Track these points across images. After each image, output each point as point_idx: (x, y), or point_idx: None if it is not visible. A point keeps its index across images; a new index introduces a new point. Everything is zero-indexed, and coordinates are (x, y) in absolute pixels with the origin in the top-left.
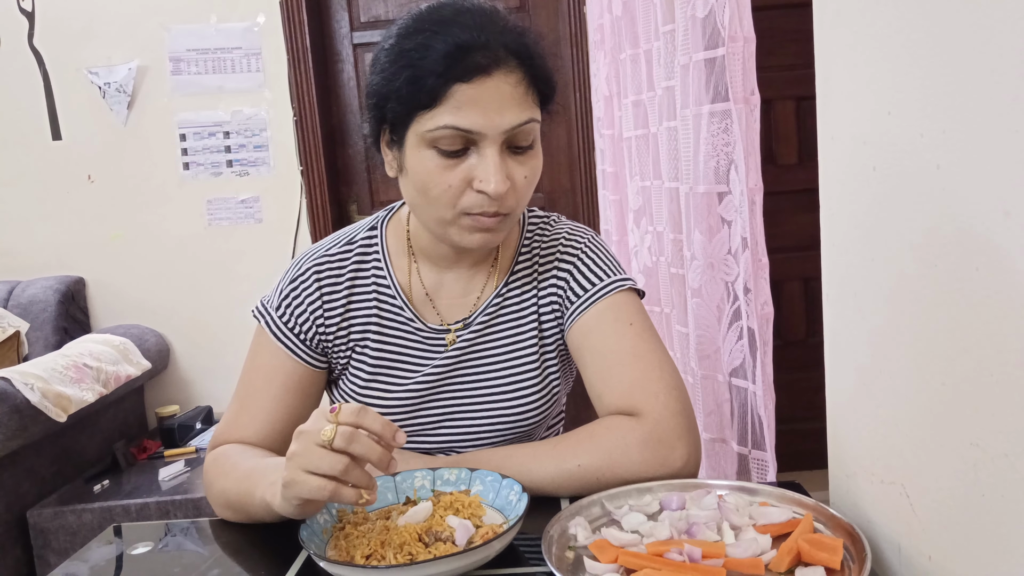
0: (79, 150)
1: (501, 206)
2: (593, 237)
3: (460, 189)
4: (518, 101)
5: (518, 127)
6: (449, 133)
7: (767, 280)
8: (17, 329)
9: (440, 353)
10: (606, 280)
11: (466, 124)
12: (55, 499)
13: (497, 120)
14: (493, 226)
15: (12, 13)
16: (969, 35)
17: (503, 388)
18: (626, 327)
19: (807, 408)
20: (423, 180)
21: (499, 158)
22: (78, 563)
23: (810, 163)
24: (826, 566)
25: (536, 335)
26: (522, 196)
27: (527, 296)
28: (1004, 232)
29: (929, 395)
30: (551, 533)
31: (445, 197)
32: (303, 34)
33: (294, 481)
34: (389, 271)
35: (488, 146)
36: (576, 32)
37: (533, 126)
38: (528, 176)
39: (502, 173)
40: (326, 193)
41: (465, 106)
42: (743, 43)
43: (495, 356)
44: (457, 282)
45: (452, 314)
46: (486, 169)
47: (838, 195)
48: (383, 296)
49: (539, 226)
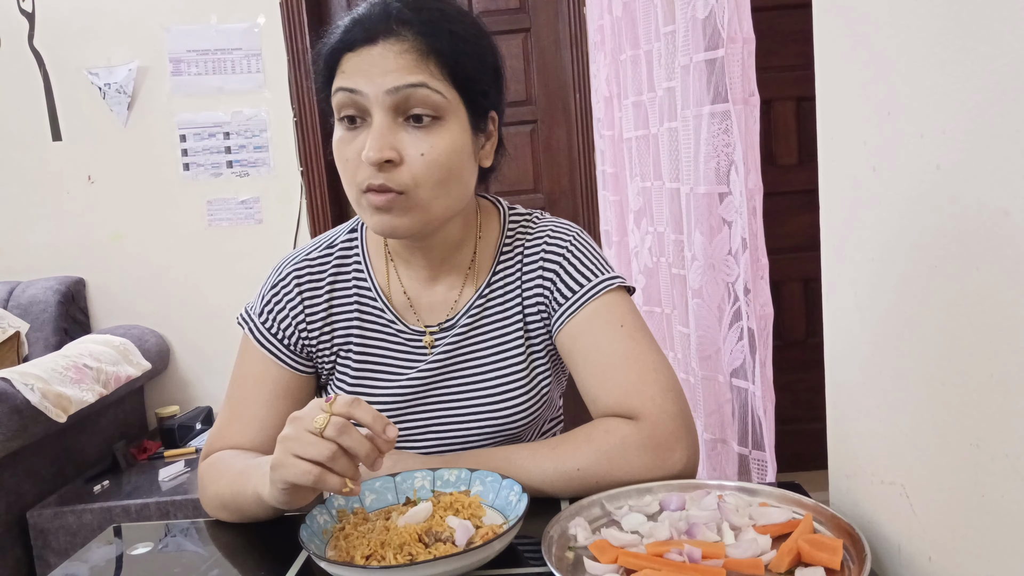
0: (79, 150)
1: (388, 180)
2: (579, 235)
3: (356, 162)
4: (404, 66)
5: (402, 88)
6: (340, 98)
7: (767, 280)
8: (17, 330)
9: (424, 357)
10: (594, 281)
11: (348, 84)
12: (55, 499)
13: (379, 80)
14: (383, 204)
15: (12, 14)
16: (969, 35)
17: (490, 391)
18: (617, 329)
19: (807, 408)
20: (337, 157)
21: (384, 126)
22: (78, 563)
23: (810, 163)
24: (826, 566)
25: (522, 336)
26: (421, 176)
27: (511, 296)
28: (1004, 232)
29: (929, 395)
30: (551, 534)
31: (347, 172)
32: (303, 35)
33: (282, 463)
34: (369, 273)
35: (375, 112)
36: (576, 33)
37: (427, 94)
38: (427, 154)
39: (382, 140)
40: (326, 193)
41: (350, 71)
42: (743, 44)
43: (481, 358)
44: (435, 283)
45: (432, 317)
46: (369, 136)
47: (838, 195)
48: (364, 299)
49: (521, 224)
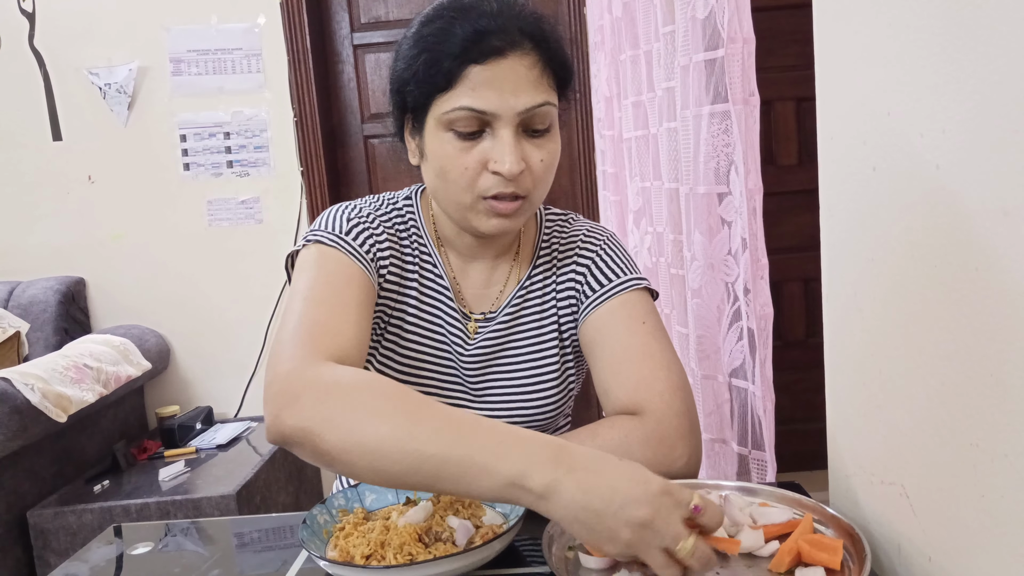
0: (79, 150)
1: (518, 188)
2: (612, 236)
3: (476, 171)
4: (533, 83)
5: (532, 109)
6: (465, 114)
7: (767, 281)
8: (17, 329)
9: (469, 342)
10: (623, 277)
11: (481, 105)
12: (55, 499)
13: (512, 101)
14: (510, 211)
15: (12, 14)
16: (969, 35)
17: (524, 383)
18: (639, 324)
19: (807, 408)
20: (442, 164)
21: (514, 139)
22: (78, 563)
23: (810, 163)
24: (826, 566)
25: (556, 329)
26: (539, 180)
27: (547, 292)
28: (1004, 232)
29: (929, 395)
30: (551, 533)
31: (463, 180)
32: (303, 35)
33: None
34: (428, 241)
35: (503, 127)
36: (576, 33)
37: (548, 109)
38: (545, 160)
39: (516, 154)
40: (326, 194)
41: (480, 87)
42: (743, 44)
43: (520, 349)
44: (480, 273)
45: (476, 304)
46: (501, 150)
47: (838, 195)
48: (425, 267)
49: (557, 223)
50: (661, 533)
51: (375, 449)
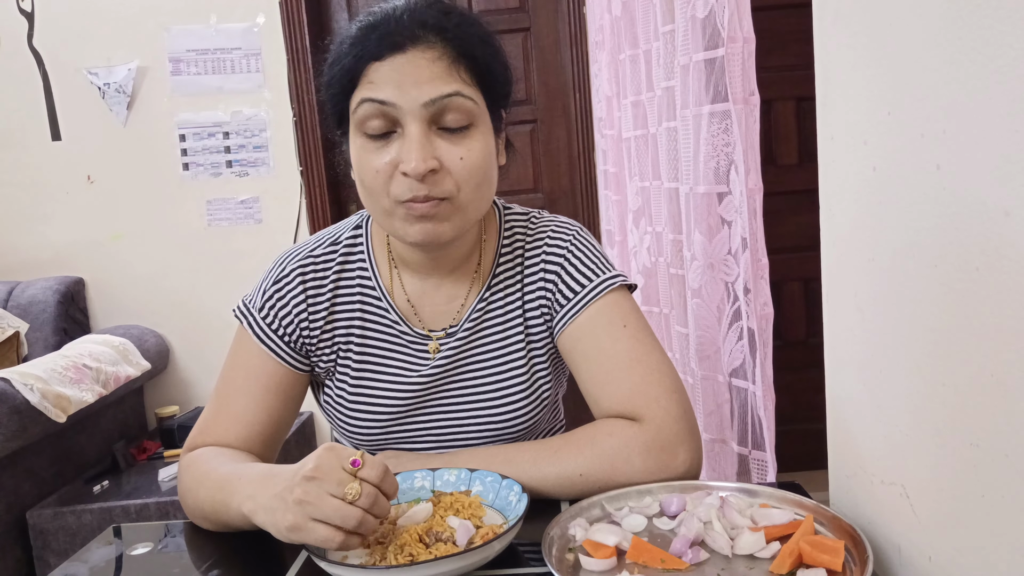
0: (79, 150)
1: (433, 189)
2: (579, 233)
3: (388, 174)
4: (439, 75)
5: (438, 100)
6: (368, 109)
7: (767, 280)
8: (17, 329)
9: (427, 361)
10: (596, 280)
11: (380, 95)
12: (55, 500)
13: (414, 93)
14: (429, 212)
15: (12, 13)
16: (969, 35)
17: (490, 396)
18: (620, 330)
19: (807, 408)
20: (358, 169)
21: (422, 136)
22: (78, 564)
23: (810, 163)
24: (828, 568)
25: (523, 340)
26: (463, 181)
27: (512, 299)
28: (1004, 232)
29: (929, 395)
30: (551, 534)
31: (376, 184)
32: (303, 35)
33: (299, 527)
34: (375, 273)
35: (410, 123)
36: (576, 32)
37: (461, 101)
38: (466, 158)
39: (424, 151)
40: (326, 193)
41: (380, 81)
42: (743, 43)
43: (482, 363)
44: (439, 289)
45: (436, 322)
46: (408, 148)
47: (838, 195)
48: (368, 299)
49: (519, 224)
50: (327, 480)
51: (193, 507)
